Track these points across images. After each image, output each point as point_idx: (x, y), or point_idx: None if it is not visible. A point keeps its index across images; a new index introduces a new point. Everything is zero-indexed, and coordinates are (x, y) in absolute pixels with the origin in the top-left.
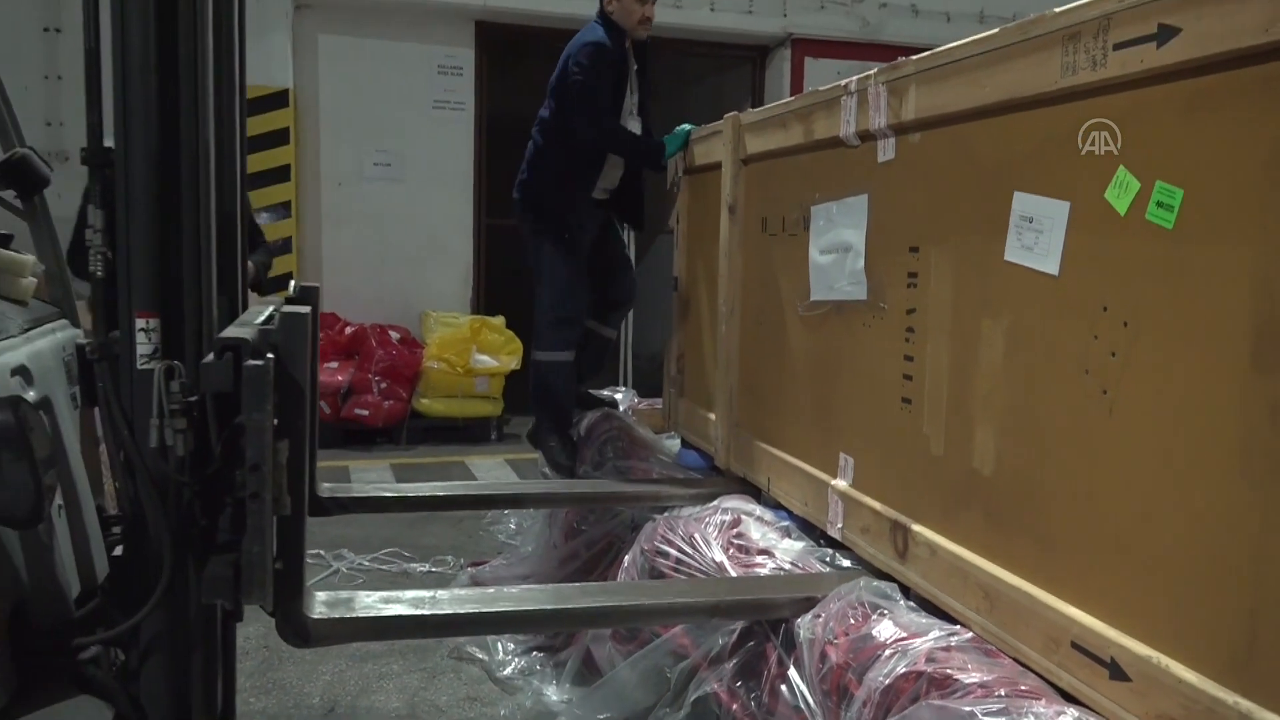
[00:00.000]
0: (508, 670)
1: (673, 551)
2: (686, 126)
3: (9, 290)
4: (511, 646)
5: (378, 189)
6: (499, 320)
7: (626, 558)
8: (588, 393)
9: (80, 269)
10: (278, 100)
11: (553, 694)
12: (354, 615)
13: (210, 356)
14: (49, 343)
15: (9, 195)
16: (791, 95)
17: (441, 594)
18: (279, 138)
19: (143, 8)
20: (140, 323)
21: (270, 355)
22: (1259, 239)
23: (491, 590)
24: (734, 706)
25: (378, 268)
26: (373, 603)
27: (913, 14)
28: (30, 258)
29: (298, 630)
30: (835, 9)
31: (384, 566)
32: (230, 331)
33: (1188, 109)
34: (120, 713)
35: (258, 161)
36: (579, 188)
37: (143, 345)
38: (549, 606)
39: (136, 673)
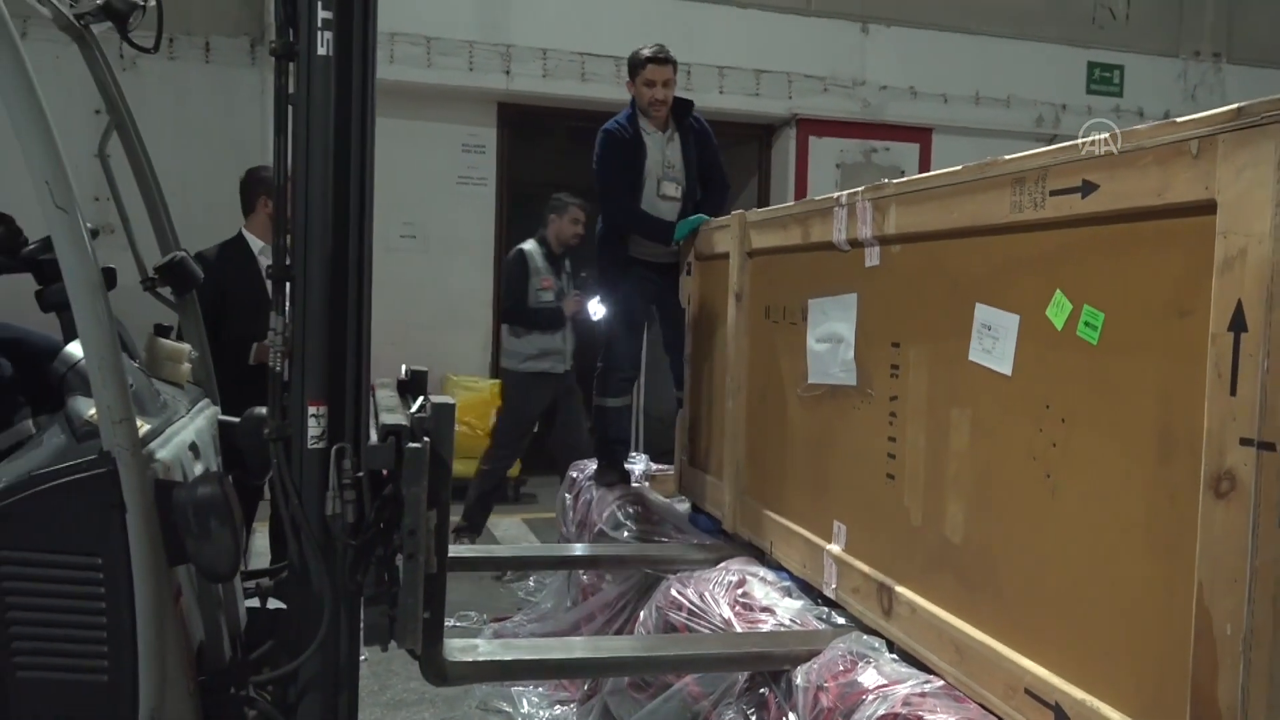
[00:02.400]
0: None
1: (685, 608)
2: (700, 217)
3: (172, 375)
4: (535, 700)
5: (403, 259)
6: None
7: (642, 614)
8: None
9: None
10: (288, 171)
11: None
12: (484, 659)
13: (374, 440)
14: (204, 420)
15: (166, 291)
16: (796, 171)
17: (551, 641)
18: None
19: (324, 154)
20: (312, 410)
21: (426, 439)
22: (1159, 358)
23: (592, 639)
24: None
25: (403, 334)
26: (495, 649)
27: (911, 95)
28: (186, 346)
29: (438, 671)
30: (837, 91)
31: None
32: (389, 419)
33: (1106, 249)
34: None
35: None
36: (617, 251)
37: (313, 429)
38: (639, 654)
39: (294, 707)
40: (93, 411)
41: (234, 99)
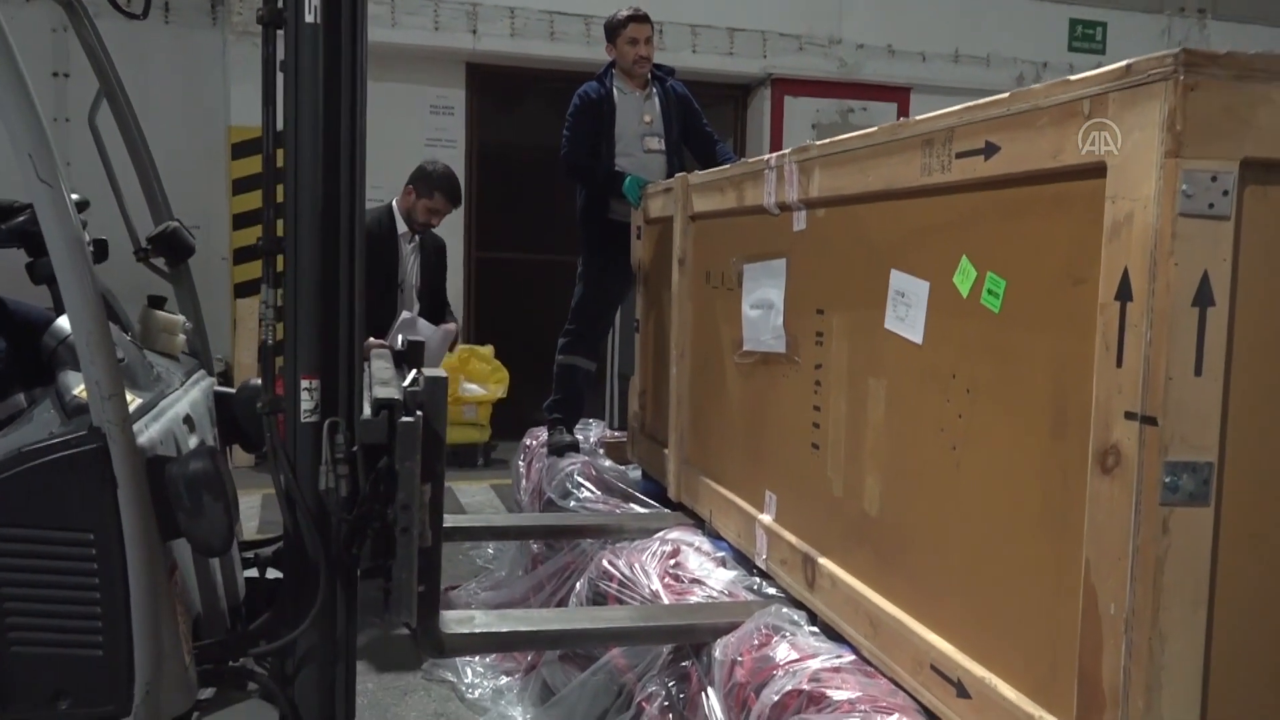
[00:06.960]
0: (477, 693)
1: (615, 579)
2: (640, 177)
3: (166, 347)
4: (480, 670)
5: None
6: (488, 350)
7: (578, 584)
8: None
9: None
10: (276, 141)
11: (517, 714)
12: (480, 631)
13: (367, 413)
14: (200, 392)
15: (159, 262)
16: (771, 131)
17: (547, 613)
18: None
19: (313, 124)
20: (304, 383)
21: (419, 413)
22: (1055, 329)
23: (587, 610)
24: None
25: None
26: (491, 620)
27: (889, 54)
28: (180, 318)
29: (434, 644)
30: (813, 50)
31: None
32: (382, 392)
33: (1006, 214)
34: (282, 714)
35: (257, 198)
36: (596, 213)
37: (306, 402)
38: (635, 625)
39: (292, 679)
40: (81, 388)
41: (195, 61)
